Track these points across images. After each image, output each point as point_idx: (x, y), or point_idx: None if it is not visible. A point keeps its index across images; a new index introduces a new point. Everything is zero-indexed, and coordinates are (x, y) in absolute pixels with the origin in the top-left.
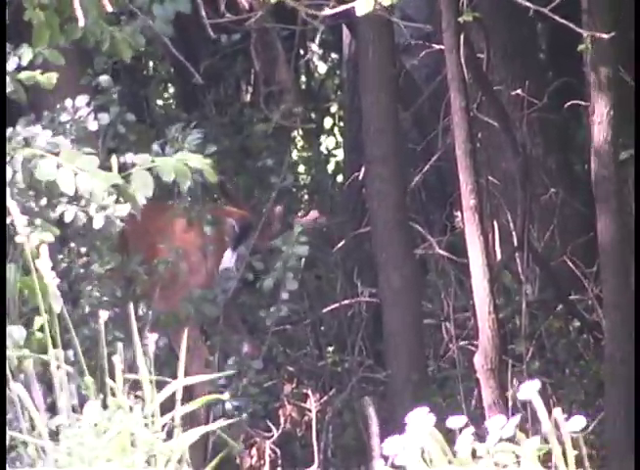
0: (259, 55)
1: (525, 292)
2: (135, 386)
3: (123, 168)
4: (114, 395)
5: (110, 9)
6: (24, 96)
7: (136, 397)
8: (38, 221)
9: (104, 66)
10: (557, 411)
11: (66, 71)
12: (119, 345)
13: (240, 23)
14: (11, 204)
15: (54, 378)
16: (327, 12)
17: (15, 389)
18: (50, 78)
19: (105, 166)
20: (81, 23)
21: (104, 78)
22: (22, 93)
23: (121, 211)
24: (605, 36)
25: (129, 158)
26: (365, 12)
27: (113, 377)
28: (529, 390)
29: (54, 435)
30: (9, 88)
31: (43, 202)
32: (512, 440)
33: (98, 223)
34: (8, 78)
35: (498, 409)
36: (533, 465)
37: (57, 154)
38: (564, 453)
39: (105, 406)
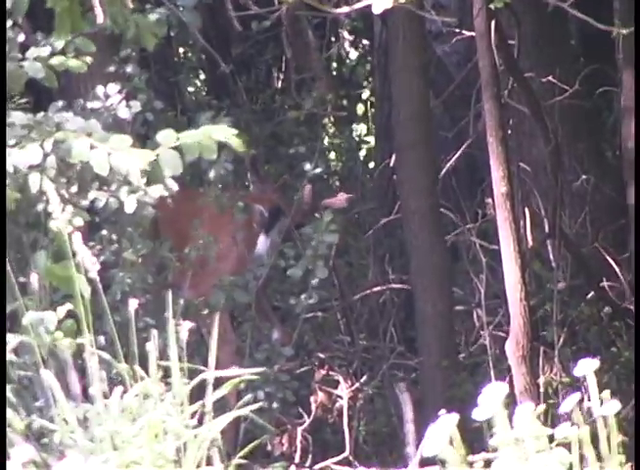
0: (291, 42)
1: (556, 279)
2: (166, 372)
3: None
4: (143, 381)
5: (130, 5)
6: (55, 82)
7: (167, 384)
8: (69, 208)
9: (131, 53)
10: (605, 394)
11: (95, 58)
12: (154, 332)
13: (271, 10)
14: (48, 188)
15: (86, 364)
16: (344, 9)
17: (45, 376)
18: (83, 63)
19: None
20: (100, 19)
21: (130, 66)
22: (52, 79)
23: (154, 192)
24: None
25: (157, 137)
26: (382, 9)
27: (143, 364)
28: (587, 367)
29: (84, 422)
30: (40, 74)
31: (74, 188)
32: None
33: (130, 207)
34: (39, 64)
35: (529, 396)
36: (565, 451)
37: (89, 136)
38: (608, 438)
39: (136, 393)
